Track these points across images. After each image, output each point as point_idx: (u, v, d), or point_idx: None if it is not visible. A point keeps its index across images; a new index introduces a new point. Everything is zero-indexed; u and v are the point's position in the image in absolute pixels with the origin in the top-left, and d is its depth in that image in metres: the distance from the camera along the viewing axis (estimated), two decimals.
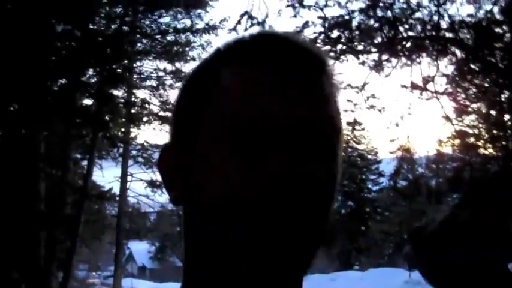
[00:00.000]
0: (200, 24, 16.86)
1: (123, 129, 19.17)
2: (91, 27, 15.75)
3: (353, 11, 9.44)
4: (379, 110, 11.00)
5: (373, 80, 11.10)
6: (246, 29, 9.31)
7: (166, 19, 17.05)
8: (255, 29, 8.69)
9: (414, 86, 10.36)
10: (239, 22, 9.46)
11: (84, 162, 17.52)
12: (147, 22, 17.03)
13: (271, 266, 0.64)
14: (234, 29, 9.83)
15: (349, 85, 10.74)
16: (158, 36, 17.19)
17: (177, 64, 18.21)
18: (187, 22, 17.23)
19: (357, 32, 9.44)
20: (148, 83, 19.14)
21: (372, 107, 10.96)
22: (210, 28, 16.42)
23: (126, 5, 15.82)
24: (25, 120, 13.13)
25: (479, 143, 23.88)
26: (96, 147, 17.29)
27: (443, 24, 9.26)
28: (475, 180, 23.17)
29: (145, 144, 21.39)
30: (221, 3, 15.88)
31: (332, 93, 0.72)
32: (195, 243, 0.72)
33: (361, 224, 31.54)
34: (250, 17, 9.18)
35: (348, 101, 11.27)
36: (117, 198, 22.27)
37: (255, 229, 0.64)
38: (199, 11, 16.75)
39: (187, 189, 0.71)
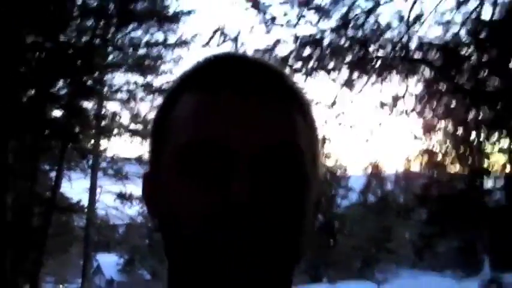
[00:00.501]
0: (172, 39, 16.88)
1: (92, 141, 19.02)
2: (62, 38, 15.66)
3: (324, 30, 9.57)
4: (350, 127, 11.13)
5: (343, 97, 11.25)
6: (218, 45, 9.37)
7: (138, 32, 16.99)
8: (228, 45, 8.77)
9: (383, 105, 10.51)
10: (211, 38, 9.53)
11: (53, 174, 17.34)
12: (119, 35, 16.94)
13: None
14: (207, 44, 9.89)
15: (319, 102, 10.85)
16: (130, 50, 17.12)
17: (149, 77, 18.16)
18: (160, 36, 17.23)
19: (328, 51, 9.55)
20: (119, 95, 19.03)
21: (341, 124, 11.08)
22: (182, 43, 16.44)
23: (98, 17, 15.76)
24: None
25: (446, 161, 24.21)
26: (65, 158, 17.14)
27: (412, 44, 9.45)
28: (442, 197, 23.50)
29: (114, 157, 21.21)
30: (193, 18, 15.85)
31: (297, 113, 0.72)
32: (171, 268, 0.73)
33: (330, 238, 31.67)
34: (223, 33, 9.25)
35: (318, 117, 11.35)
36: (85, 210, 22.04)
37: (220, 261, 0.63)
38: (171, 25, 16.75)
39: (160, 216, 0.72)
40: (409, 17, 8.92)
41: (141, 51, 17.27)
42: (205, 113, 0.67)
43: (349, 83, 10.05)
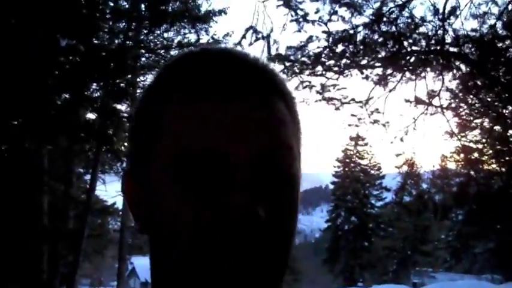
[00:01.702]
0: (204, 39, 16.87)
1: (126, 144, 19.15)
2: (95, 41, 15.81)
3: (357, 26, 9.44)
4: (383, 125, 10.96)
5: (377, 95, 11.08)
6: (250, 43, 9.33)
7: (170, 34, 17.06)
8: (260, 43, 8.72)
9: (418, 101, 10.33)
10: (244, 37, 9.48)
11: (88, 177, 17.48)
12: (151, 37, 17.03)
13: None
14: (239, 43, 9.85)
15: (353, 99, 10.73)
16: (162, 51, 17.19)
17: None
18: (191, 37, 17.25)
19: (361, 47, 9.42)
20: None
21: (375, 121, 10.92)
22: (214, 42, 16.42)
23: (130, 20, 15.88)
24: (29, 134, 13.15)
25: (483, 158, 23.80)
26: (100, 161, 17.30)
27: (448, 38, 9.25)
28: (479, 196, 23.10)
29: None
30: (225, 18, 15.80)
31: (285, 110, 0.70)
32: (159, 273, 0.72)
33: (364, 240, 31.38)
34: (255, 31, 9.20)
35: (352, 115, 11.24)
36: (120, 213, 22.21)
37: (213, 267, 0.62)
38: (203, 25, 16.75)
39: (147, 220, 0.70)
40: (444, 9, 8.73)
41: (173, 52, 17.30)
42: (200, 121, 0.65)
43: (382, 80, 9.90)
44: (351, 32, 9.24)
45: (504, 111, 12.97)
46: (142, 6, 16.22)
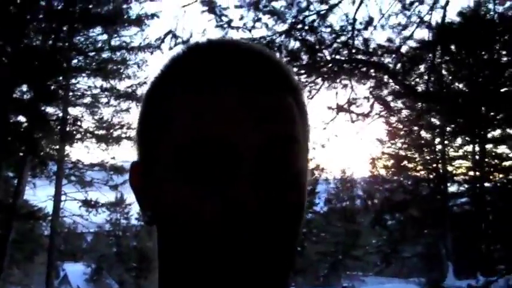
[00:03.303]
0: (136, 42, 16.80)
1: (55, 147, 18.82)
2: (25, 42, 15.49)
3: (280, 33, 9.61)
4: None
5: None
6: (170, 48, 9.35)
7: (102, 36, 16.89)
8: (179, 48, 8.71)
9: (340, 109, 10.59)
10: (163, 41, 9.51)
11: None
12: (82, 39, 16.83)
13: None
14: (159, 47, 9.86)
15: None
16: (93, 53, 17.00)
17: (113, 82, 18.04)
18: (123, 40, 17.14)
19: (282, 54, 9.59)
20: (84, 100, 18.87)
21: None
22: (146, 46, 16.37)
23: (62, 21, 15.63)
24: None
25: (411, 165, 24.51)
26: (29, 165, 16.91)
27: (366, 48, 9.52)
28: (407, 202, 23.75)
29: (77, 163, 20.96)
30: (158, 21, 15.73)
31: (293, 102, 0.69)
32: (166, 265, 0.72)
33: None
34: (175, 36, 9.23)
35: None
36: (49, 218, 21.71)
37: (220, 258, 0.62)
38: (135, 29, 16.69)
39: (155, 212, 0.70)
40: (354, 20, 9.01)
41: (105, 55, 17.15)
42: (208, 111, 0.64)
43: (304, 87, 10.08)
44: (273, 38, 9.41)
45: (424, 118, 13.40)
46: (75, 7, 15.96)
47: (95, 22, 15.94)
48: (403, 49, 9.60)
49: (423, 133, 22.31)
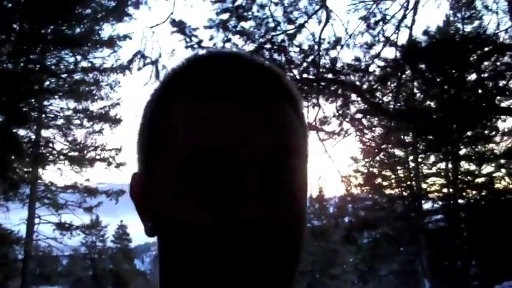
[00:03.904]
0: (108, 64, 16.77)
1: (26, 170, 18.63)
2: None
3: (250, 53, 9.64)
4: None
5: None
6: (139, 68, 9.33)
7: (74, 58, 16.82)
8: (148, 68, 8.75)
9: (311, 127, 10.63)
10: (131, 61, 9.50)
11: None
12: (54, 61, 16.75)
13: None
14: (128, 68, 9.87)
15: None
16: (65, 75, 16.92)
17: (85, 103, 17.96)
18: (96, 61, 17.11)
19: None
20: (57, 122, 18.74)
21: None
22: (119, 68, 16.33)
23: (33, 42, 15.53)
24: None
25: (386, 183, 24.66)
26: (1, 188, 16.72)
27: (334, 67, 9.61)
28: (382, 220, 23.83)
29: (50, 185, 20.75)
30: (130, 42, 15.70)
31: (293, 113, 0.70)
32: (168, 275, 0.70)
33: None
34: (143, 57, 9.24)
35: None
36: (23, 242, 21.41)
37: (221, 269, 0.61)
38: (108, 50, 16.67)
39: (156, 223, 0.69)
40: (320, 40, 9.11)
41: (77, 76, 17.08)
42: (209, 120, 0.64)
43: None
44: None
45: (391, 135, 13.51)
46: (47, 29, 15.89)
47: (67, 44, 15.86)
48: (371, 68, 9.75)
49: (396, 151, 22.51)
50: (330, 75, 9.79)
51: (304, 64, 9.62)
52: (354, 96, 10.28)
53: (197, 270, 0.63)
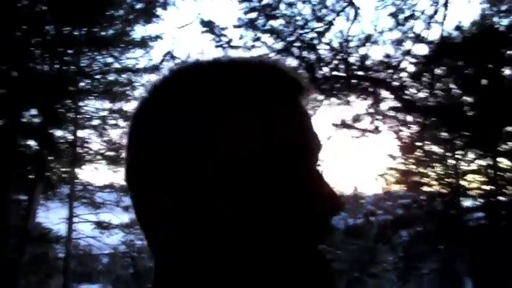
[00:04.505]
0: (141, 64, 16.91)
1: (64, 170, 18.95)
2: (32, 66, 15.65)
3: (278, 51, 9.58)
4: None
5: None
6: (169, 69, 9.33)
7: (108, 59, 17.02)
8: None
9: (345, 125, 10.51)
10: (162, 62, 9.56)
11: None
12: (88, 61, 16.98)
13: None
14: (158, 68, 9.91)
15: None
16: (99, 76, 17.13)
17: (120, 103, 18.16)
18: (129, 62, 17.25)
19: None
20: (92, 122, 19.03)
21: None
22: (151, 68, 16.44)
23: (68, 44, 15.78)
24: None
25: (425, 180, 24.25)
26: (40, 188, 17.01)
27: (364, 64, 9.47)
28: (421, 218, 23.47)
29: (87, 184, 21.08)
30: (162, 43, 15.85)
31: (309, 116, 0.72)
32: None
33: None
34: (173, 57, 9.27)
35: None
36: (63, 240, 21.81)
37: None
38: (140, 50, 16.79)
39: (182, 230, 0.68)
40: (348, 36, 8.97)
41: (111, 77, 17.28)
42: (246, 129, 0.66)
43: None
44: (269, 57, 9.37)
45: (425, 132, 13.27)
46: (81, 31, 16.12)
47: (100, 45, 16.05)
48: (402, 64, 9.56)
49: (434, 147, 22.13)
50: (360, 73, 9.64)
51: (334, 62, 9.49)
52: (385, 94, 10.12)
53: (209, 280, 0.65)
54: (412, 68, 9.73)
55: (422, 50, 10.03)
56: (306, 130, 0.69)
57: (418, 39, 8.96)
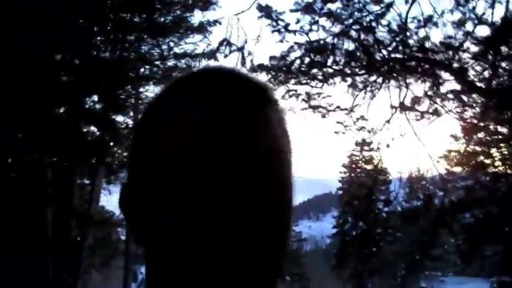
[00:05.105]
0: (199, 49, 16.93)
1: (125, 154, 19.25)
2: (93, 53, 15.92)
3: (338, 35, 9.44)
4: (369, 132, 10.95)
5: (362, 102, 11.02)
6: (226, 56, 9.39)
7: (166, 45, 17.14)
8: (235, 55, 8.80)
9: (403, 107, 10.31)
10: (218, 49, 9.56)
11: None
12: (147, 48, 17.16)
13: None
14: (214, 55, 9.94)
15: (338, 107, 10.74)
16: (158, 62, 17.30)
17: None
18: (187, 47, 17.32)
19: (342, 55, 9.44)
20: None
21: (362, 128, 10.92)
22: (210, 53, 16.47)
23: (127, 31, 15.98)
24: (31, 147, 13.32)
25: (489, 161, 23.61)
26: (102, 172, 17.40)
27: (427, 45, 9.24)
28: (485, 200, 22.89)
29: None
30: (221, 28, 15.86)
31: (277, 123, 0.73)
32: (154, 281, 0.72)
33: (372, 245, 31.09)
34: (229, 44, 9.27)
35: (338, 122, 11.26)
36: (124, 223, 22.25)
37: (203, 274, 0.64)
38: (198, 36, 16.82)
39: (144, 231, 0.71)
40: (406, 18, 8.75)
41: (170, 63, 17.42)
42: (191, 126, 0.68)
43: (365, 87, 9.91)
44: (331, 41, 9.27)
45: (488, 114, 12.86)
46: (139, 18, 16.28)
47: (159, 31, 16.17)
48: (465, 46, 9.27)
49: (499, 127, 21.47)
50: (419, 55, 9.42)
51: (393, 44, 9.29)
52: (445, 75, 9.87)
53: (183, 274, 0.65)
54: (474, 49, 9.47)
55: (484, 31, 9.69)
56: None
57: (480, 20, 8.68)
